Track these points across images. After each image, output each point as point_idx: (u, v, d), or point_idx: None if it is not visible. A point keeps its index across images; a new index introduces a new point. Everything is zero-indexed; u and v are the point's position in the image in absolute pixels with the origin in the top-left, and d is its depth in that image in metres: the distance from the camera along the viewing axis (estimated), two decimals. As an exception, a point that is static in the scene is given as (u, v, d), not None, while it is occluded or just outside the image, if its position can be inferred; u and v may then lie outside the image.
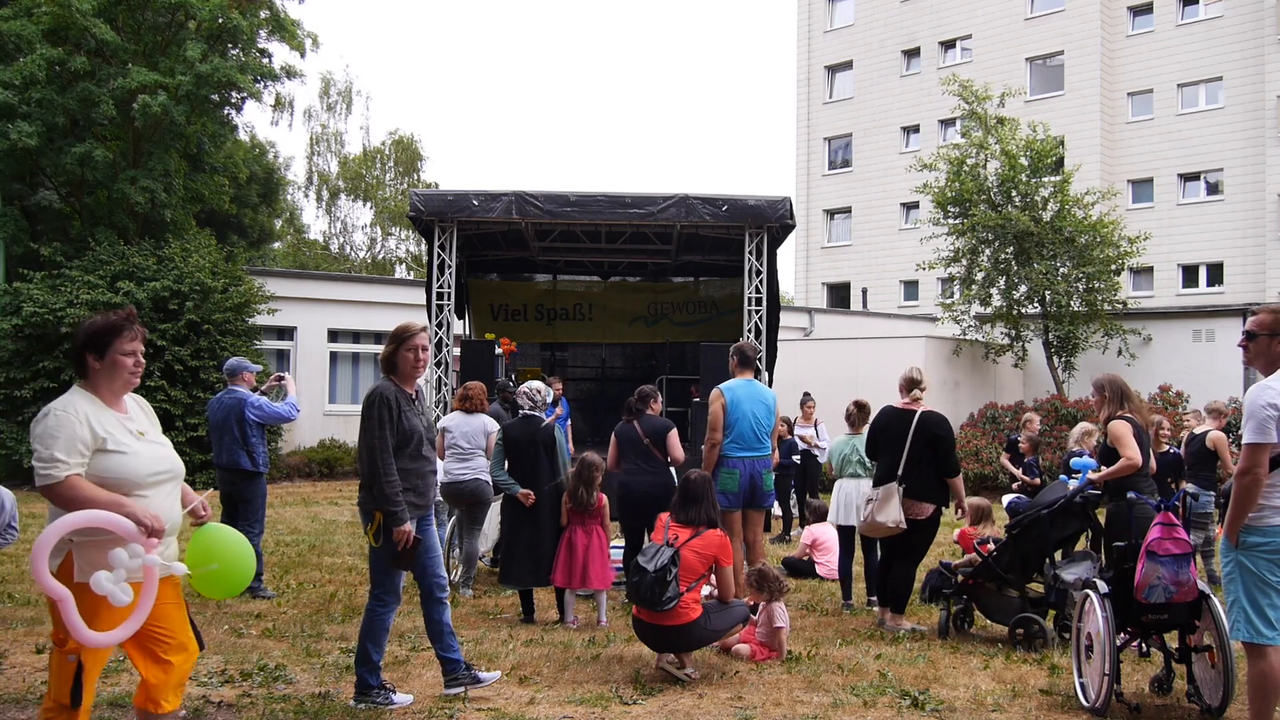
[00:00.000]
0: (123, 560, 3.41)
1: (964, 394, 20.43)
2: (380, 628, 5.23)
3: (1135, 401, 6.49)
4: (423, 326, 5.36)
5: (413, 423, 5.20)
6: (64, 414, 3.62)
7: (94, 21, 17.19)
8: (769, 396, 7.83)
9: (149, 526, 3.47)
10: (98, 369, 3.73)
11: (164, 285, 16.64)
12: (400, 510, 5.04)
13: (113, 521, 3.44)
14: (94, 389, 3.74)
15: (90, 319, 3.80)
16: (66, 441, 3.57)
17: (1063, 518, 6.72)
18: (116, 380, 3.76)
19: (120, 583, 3.38)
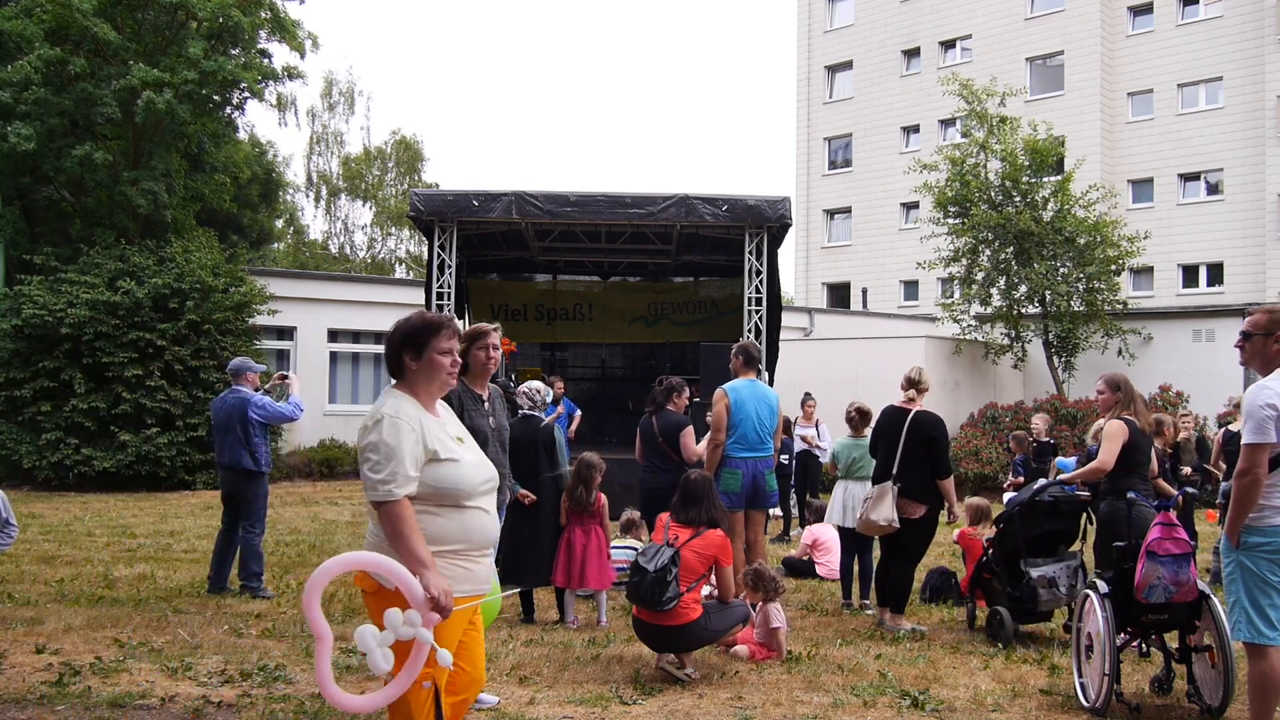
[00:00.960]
0: (395, 624, 3.11)
1: (964, 394, 20.42)
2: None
3: (1139, 404, 6.54)
4: (495, 326, 5.34)
5: (477, 423, 5.15)
6: (401, 422, 3.35)
7: (94, 21, 17.19)
8: (772, 396, 7.83)
9: (437, 601, 3.15)
10: (415, 369, 3.51)
11: (164, 283, 16.64)
12: None
13: (403, 579, 3.15)
14: (411, 391, 3.52)
15: (406, 318, 3.59)
16: (410, 456, 3.31)
17: (1030, 516, 6.76)
18: (434, 382, 3.55)
19: (384, 646, 3.10)
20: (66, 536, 11.28)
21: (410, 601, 3.14)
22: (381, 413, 3.38)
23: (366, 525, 8.67)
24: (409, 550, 3.23)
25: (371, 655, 3.09)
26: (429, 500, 3.36)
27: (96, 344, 16.17)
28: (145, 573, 8.97)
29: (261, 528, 8.24)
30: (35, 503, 14.67)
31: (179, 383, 16.67)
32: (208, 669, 5.79)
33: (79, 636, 6.52)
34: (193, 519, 13.06)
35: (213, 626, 6.90)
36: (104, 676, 5.60)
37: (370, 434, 3.36)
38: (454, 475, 3.42)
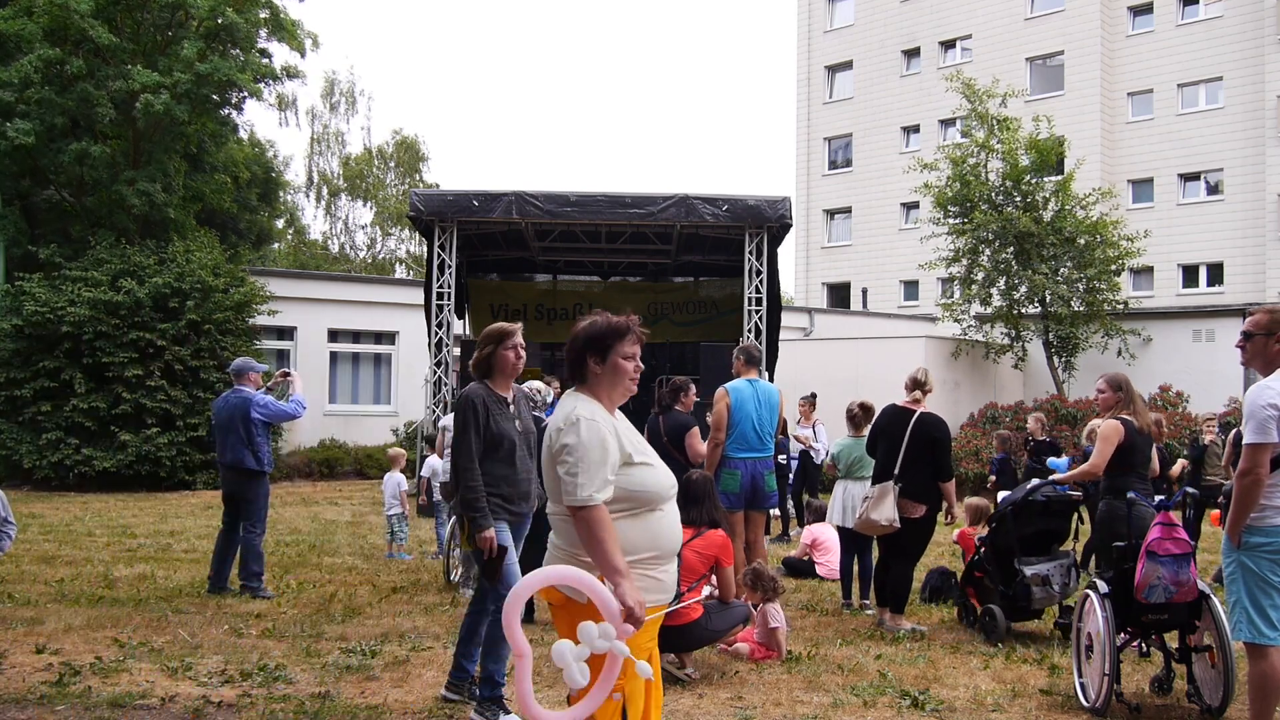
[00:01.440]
0: (591, 637, 3.01)
1: (964, 394, 20.43)
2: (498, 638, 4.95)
3: (1139, 404, 6.55)
4: (518, 326, 5.21)
5: (503, 427, 5.00)
6: (599, 424, 3.26)
7: (91, 23, 17.18)
8: (773, 395, 7.81)
9: (632, 613, 3.05)
10: (598, 373, 3.42)
11: (165, 282, 16.64)
12: (480, 515, 4.86)
13: (598, 592, 3.07)
14: (594, 394, 3.42)
15: (591, 321, 3.50)
16: (609, 460, 3.21)
17: (1025, 515, 6.77)
18: (617, 387, 3.46)
19: (580, 661, 3.01)
20: (66, 536, 11.28)
21: (604, 614, 3.05)
22: (577, 415, 3.28)
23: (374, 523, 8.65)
24: (606, 558, 3.11)
25: (568, 670, 3.00)
26: (621, 505, 3.26)
27: (97, 344, 16.17)
28: (145, 573, 8.97)
29: (262, 528, 8.23)
30: (35, 503, 14.67)
31: (179, 383, 16.68)
32: (208, 669, 5.78)
33: (79, 636, 6.52)
34: (193, 519, 13.05)
35: (213, 626, 6.90)
36: (104, 676, 5.59)
37: (567, 436, 3.24)
38: (648, 479, 3.34)
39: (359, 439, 20.14)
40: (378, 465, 18.97)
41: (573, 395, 3.43)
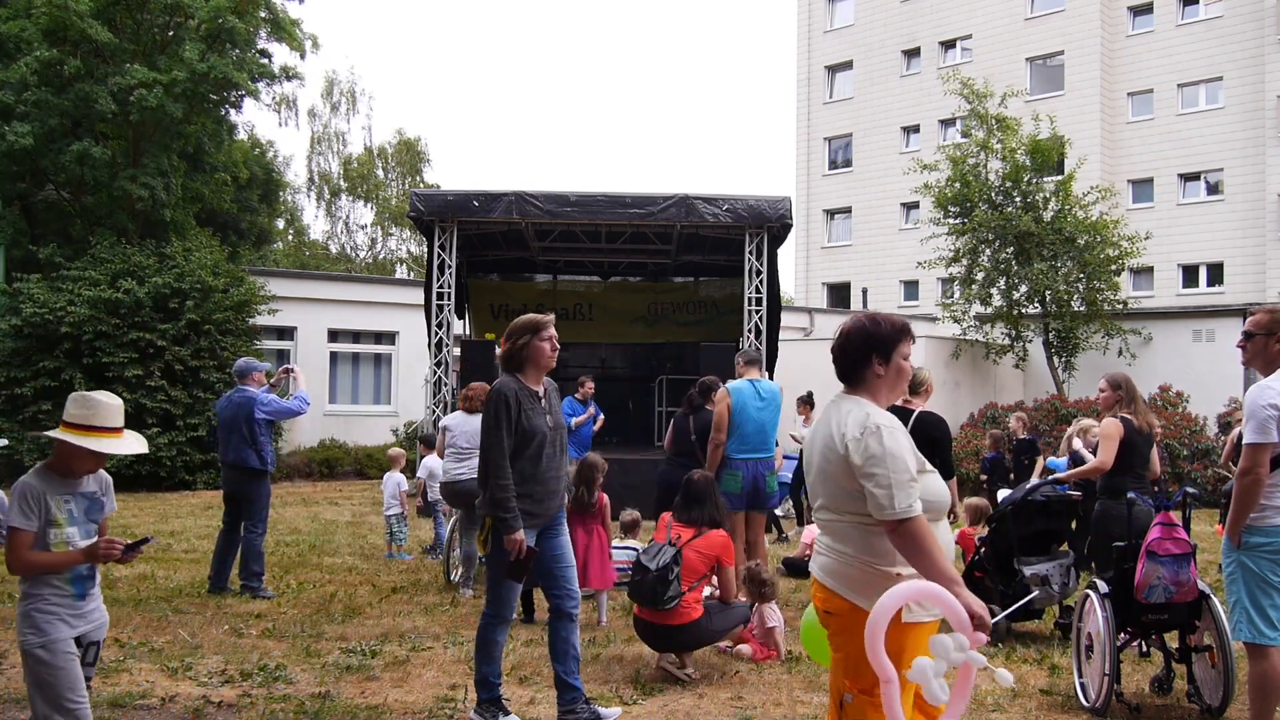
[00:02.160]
0: (947, 650, 2.89)
1: (964, 394, 20.42)
2: (489, 642, 4.85)
3: (1140, 404, 6.56)
4: (552, 316, 5.04)
5: (535, 423, 4.82)
6: (898, 431, 3.13)
7: (90, 23, 17.18)
8: (775, 394, 7.81)
9: (979, 617, 2.95)
10: (881, 376, 3.27)
11: (165, 282, 16.64)
12: (511, 516, 4.68)
13: (949, 603, 2.95)
14: (873, 398, 3.26)
15: (872, 321, 3.32)
16: (914, 469, 3.10)
17: (1025, 515, 6.77)
18: (896, 389, 3.33)
19: (939, 676, 2.88)
20: (66, 536, 11.26)
21: (954, 624, 2.94)
22: (875, 422, 3.11)
23: (374, 523, 8.56)
24: (938, 568, 3.00)
25: (928, 686, 2.88)
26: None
27: (97, 344, 16.17)
28: (145, 573, 8.97)
29: (263, 528, 8.24)
30: (35, 503, 14.66)
31: (179, 383, 16.67)
32: (208, 669, 5.79)
33: (79, 636, 6.52)
34: (193, 519, 13.05)
35: (213, 626, 6.90)
36: (104, 676, 5.59)
37: (872, 445, 3.07)
38: (938, 486, 3.26)
39: (359, 439, 20.14)
40: (378, 465, 18.96)
41: (853, 400, 3.26)
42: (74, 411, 3.67)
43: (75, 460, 3.66)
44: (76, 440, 3.60)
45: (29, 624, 3.54)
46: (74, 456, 3.66)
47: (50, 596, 3.58)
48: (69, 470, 3.67)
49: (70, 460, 3.66)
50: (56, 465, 3.68)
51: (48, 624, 3.55)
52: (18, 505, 3.53)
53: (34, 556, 3.53)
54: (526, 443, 4.81)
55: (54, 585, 3.60)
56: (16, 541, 3.52)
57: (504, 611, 4.87)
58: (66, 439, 3.60)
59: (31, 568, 3.54)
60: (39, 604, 3.56)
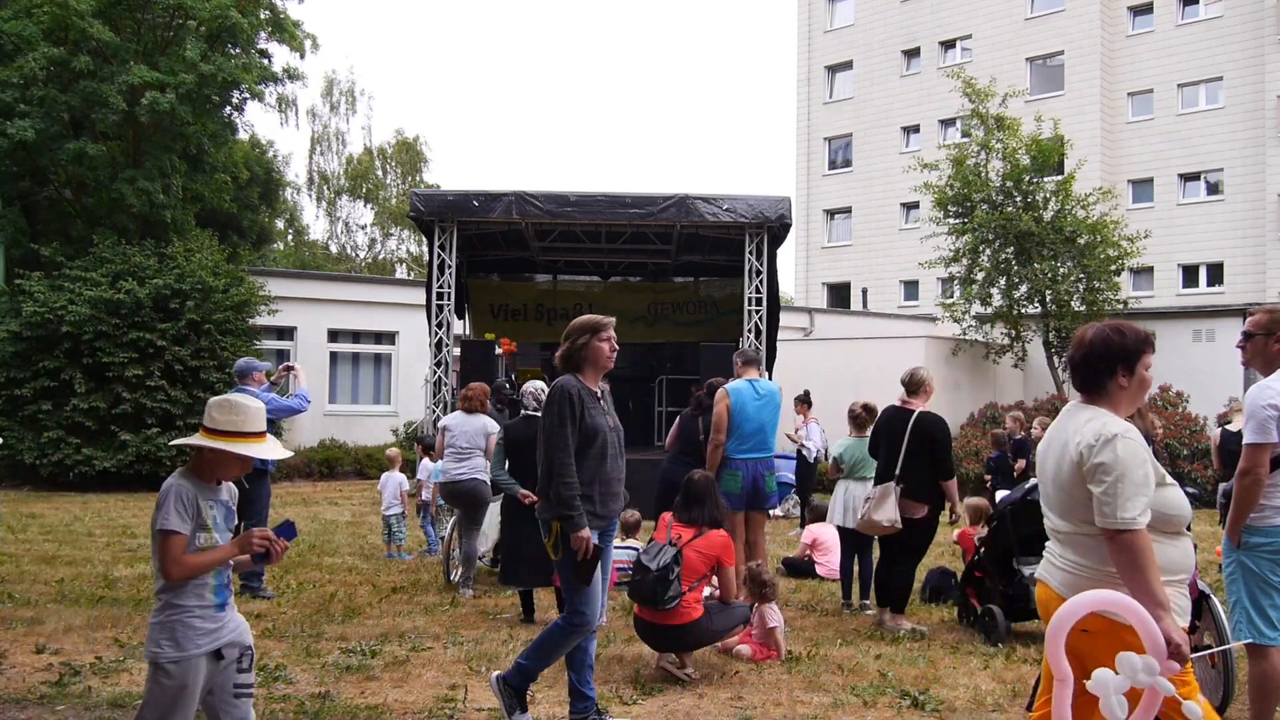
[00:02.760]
0: (1134, 669, 2.82)
1: (964, 394, 20.43)
2: (554, 645, 4.78)
3: (1141, 406, 6.55)
4: (612, 319, 4.98)
5: (598, 421, 4.77)
6: (1135, 442, 3.05)
7: (91, 22, 17.18)
8: (775, 395, 7.81)
9: (1177, 647, 2.88)
10: (1124, 387, 3.19)
11: (165, 283, 16.64)
12: (577, 515, 4.62)
13: (1145, 623, 2.87)
14: (1113, 409, 3.17)
15: (1116, 331, 3.23)
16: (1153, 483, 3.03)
17: (1024, 515, 6.78)
18: (1135, 401, 3.24)
19: (1120, 694, 2.82)
20: (66, 536, 11.28)
21: (1148, 648, 2.86)
22: (1112, 431, 3.06)
23: (374, 524, 8.55)
24: (1148, 588, 2.94)
25: (1105, 700, 2.84)
26: (1157, 527, 3.09)
27: (97, 344, 16.17)
28: (145, 573, 8.97)
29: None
30: (35, 503, 14.67)
31: (179, 383, 16.67)
32: (208, 669, 5.78)
33: (79, 636, 6.52)
34: (193, 519, 13.04)
35: (213, 626, 6.89)
36: (104, 676, 5.59)
37: (1103, 453, 3.03)
38: (1178, 500, 3.17)
39: (359, 439, 20.14)
40: (378, 465, 18.94)
41: (1091, 410, 3.20)
42: (220, 417, 3.51)
43: (221, 466, 3.54)
44: (227, 446, 3.47)
45: (167, 635, 3.37)
46: (221, 463, 3.53)
47: (195, 609, 3.41)
48: (212, 476, 3.56)
49: (216, 466, 3.53)
50: (200, 471, 3.53)
51: (185, 639, 3.38)
52: (173, 507, 3.40)
53: (190, 558, 3.39)
54: (590, 442, 4.74)
55: (201, 596, 3.43)
56: (172, 544, 3.36)
57: (584, 620, 4.74)
58: (219, 446, 3.47)
59: (189, 569, 3.38)
60: (182, 616, 3.39)
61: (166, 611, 3.40)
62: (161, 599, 3.44)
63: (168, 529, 3.37)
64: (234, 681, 3.50)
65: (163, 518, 3.39)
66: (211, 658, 3.42)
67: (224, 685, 3.48)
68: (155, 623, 3.41)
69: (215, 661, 3.44)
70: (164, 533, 3.37)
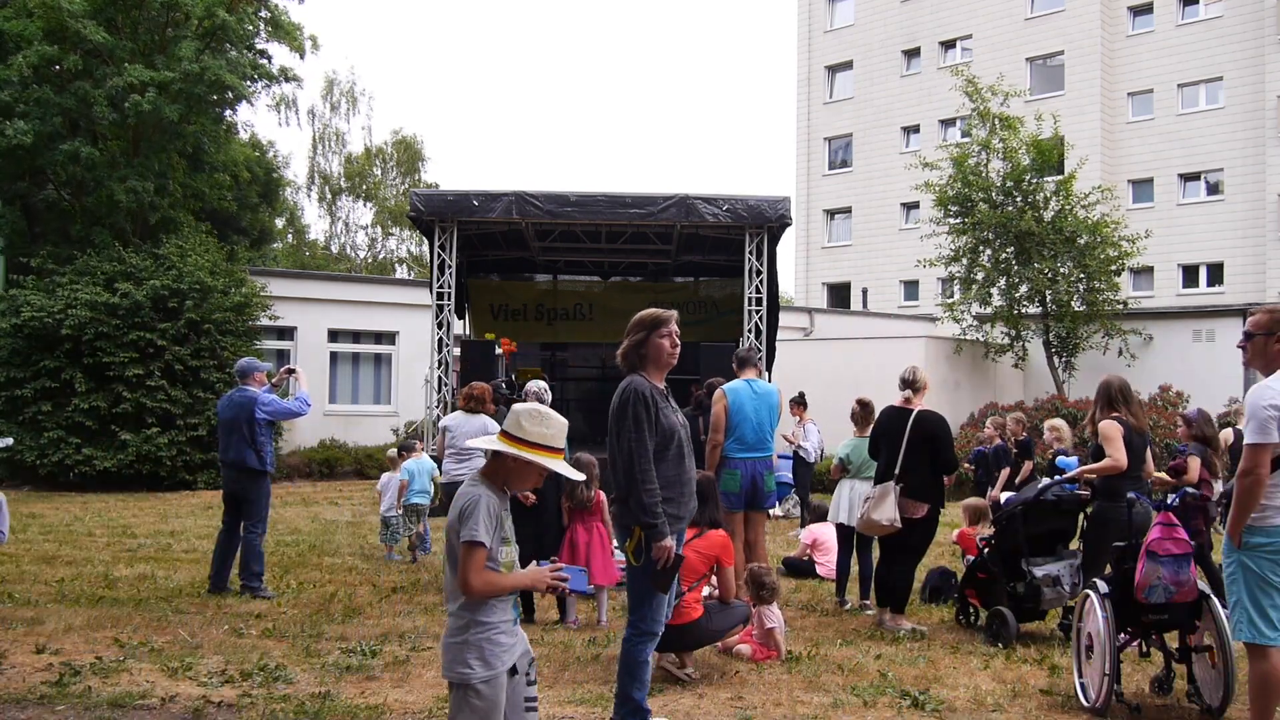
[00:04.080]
0: None
1: (964, 394, 20.42)
2: (637, 663, 4.61)
3: (1134, 405, 6.57)
4: (674, 312, 4.78)
5: (671, 421, 4.62)
6: None
7: (85, 23, 17.15)
8: (772, 395, 7.82)
9: None
10: None
11: (163, 284, 16.63)
12: (661, 523, 4.47)
13: None
14: None
15: None
16: None
17: (1035, 515, 6.77)
18: None
19: None
20: (66, 536, 11.28)
21: None
22: None
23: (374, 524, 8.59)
24: None
25: None
26: None
27: (97, 344, 16.16)
28: (145, 573, 8.97)
29: (263, 528, 8.24)
30: (35, 503, 14.66)
31: (179, 382, 16.67)
32: (208, 669, 5.78)
33: (79, 636, 6.52)
34: (193, 519, 13.05)
35: (213, 626, 6.90)
36: (104, 676, 5.59)
37: None
38: None
39: (359, 439, 20.13)
40: (378, 465, 18.91)
41: None
42: (530, 428, 3.33)
43: (519, 478, 3.38)
44: (537, 459, 3.30)
45: (477, 655, 3.21)
46: (521, 474, 3.37)
47: (500, 624, 3.26)
48: (507, 486, 3.39)
49: (513, 476, 3.37)
50: (497, 479, 3.36)
51: (493, 656, 3.23)
52: (483, 518, 3.21)
53: (492, 575, 3.22)
54: (667, 444, 4.61)
55: (504, 611, 3.29)
56: (478, 556, 3.18)
57: (654, 627, 4.64)
58: (532, 459, 3.29)
59: (490, 587, 3.20)
60: (489, 633, 3.23)
61: (472, 630, 3.23)
62: (463, 616, 3.25)
63: (475, 540, 3.19)
64: (524, 695, 3.38)
65: (470, 529, 3.21)
66: (508, 673, 3.30)
67: (516, 700, 3.35)
68: (457, 642, 3.24)
69: (511, 676, 3.31)
70: (471, 544, 3.19)
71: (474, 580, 3.17)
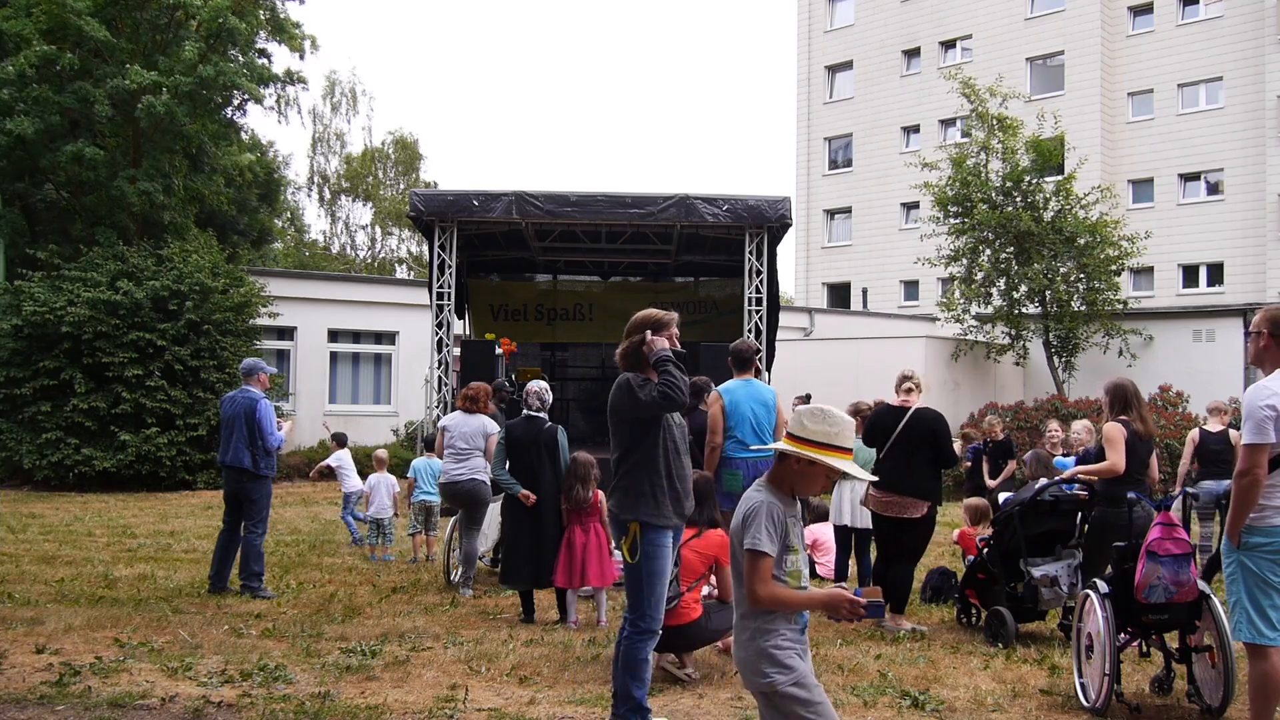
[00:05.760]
0: None
1: (964, 394, 20.42)
2: (637, 661, 4.66)
3: (1144, 409, 6.58)
4: (675, 314, 4.89)
5: (667, 418, 4.74)
6: None
7: (88, 20, 17.16)
8: (768, 395, 7.83)
9: None
10: None
11: (164, 285, 16.63)
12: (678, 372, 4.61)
13: None
14: None
15: None
16: None
17: (1033, 515, 6.78)
18: None
19: None
20: (66, 536, 11.28)
21: None
22: None
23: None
24: None
25: None
26: None
27: (96, 344, 16.16)
28: (145, 573, 8.97)
29: (264, 528, 8.24)
30: (35, 503, 14.67)
31: (179, 383, 16.66)
32: (208, 669, 5.79)
33: (79, 636, 6.52)
34: (193, 519, 13.05)
35: (213, 626, 6.90)
36: (104, 676, 5.59)
37: None
38: None
39: (359, 439, 20.07)
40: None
41: None
42: (814, 427, 3.20)
43: (806, 481, 3.24)
44: (823, 459, 3.16)
45: (773, 663, 3.13)
46: (808, 477, 3.24)
47: (785, 631, 3.17)
48: (795, 491, 3.26)
49: (800, 480, 3.24)
50: (784, 484, 3.24)
51: (789, 658, 3.14)
52: (764, 526, 3.12)
53: (779, 589, 3.13)
54: (664, 439, 4.72)
55: (789, 620, 3.19)
56: (763, 566, 3.10)
57: (653, 625, 4.69)
58: (817, 458, 3.15)
59: (776, 599, 3.13)
60: (777, 639, 3.16)
61: (761, 639, 3.17)
62: (748, 624, 3.19)
63: (758, 549, 3.11)
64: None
65: (753, 537, 3.13)
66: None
67: None
68: (755, 651, 3.16)
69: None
70: (754, 553, 3.12)
71: (760, 591, 3.10)
